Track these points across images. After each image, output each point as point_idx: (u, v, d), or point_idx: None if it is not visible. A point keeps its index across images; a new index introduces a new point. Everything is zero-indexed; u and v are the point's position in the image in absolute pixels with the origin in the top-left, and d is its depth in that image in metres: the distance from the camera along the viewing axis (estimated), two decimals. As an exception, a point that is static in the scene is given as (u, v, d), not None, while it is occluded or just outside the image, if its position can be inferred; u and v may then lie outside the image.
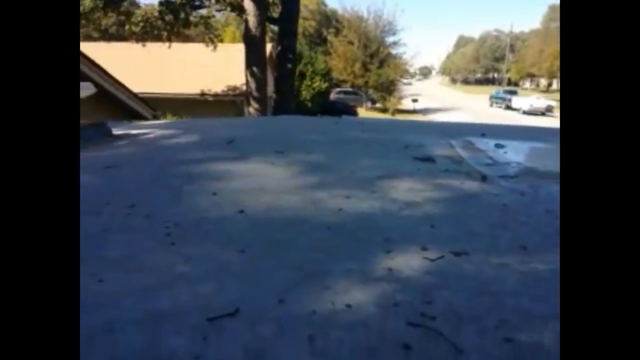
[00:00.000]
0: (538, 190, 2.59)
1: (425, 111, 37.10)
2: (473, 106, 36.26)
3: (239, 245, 1.69)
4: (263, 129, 5.00)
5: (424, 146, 3.81)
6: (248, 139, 4.00)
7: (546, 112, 29.06)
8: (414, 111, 35.93)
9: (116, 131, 4.35)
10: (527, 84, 65.32)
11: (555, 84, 62.49)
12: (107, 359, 1.10)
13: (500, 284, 1.46)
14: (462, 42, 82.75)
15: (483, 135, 4.75)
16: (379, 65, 34.39)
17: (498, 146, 3.90)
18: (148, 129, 4.83)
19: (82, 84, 5.28)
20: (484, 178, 2.78)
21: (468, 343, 1.15)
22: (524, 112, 29.12)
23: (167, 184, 2.53)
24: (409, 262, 1.56)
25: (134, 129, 4.81)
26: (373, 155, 3.39)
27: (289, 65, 13.02)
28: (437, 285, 1.42)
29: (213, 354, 1.11)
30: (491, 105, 37.03)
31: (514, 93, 36.44)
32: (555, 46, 43.87)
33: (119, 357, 1.10)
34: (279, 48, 12.79)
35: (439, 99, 46.42)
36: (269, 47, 16.59)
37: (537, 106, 29.72)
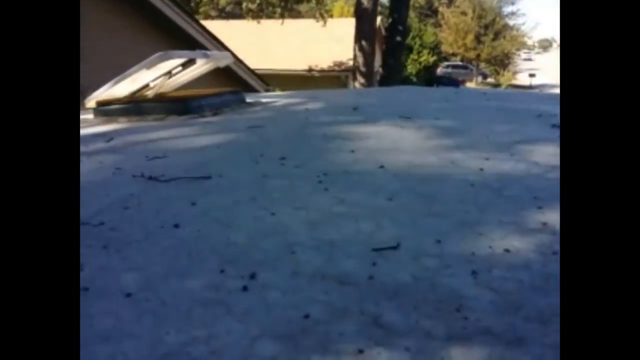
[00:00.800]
0: None
1: (542, 87, 34.12)
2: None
3: (386, 194, 1.81)
4: (384, 97, 5.06)
5: (557, 115, 3.59)
6: (372, 105, 4.10)
7: None
8: (530, 87, 33.19)
9: (248, 99, 4.72)
10: None
11: None
12: (292, 273, 1.28)
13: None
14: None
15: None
16: (493, 37, 32.18)
17: None
18: (274, 98, 5.16)
19: (222, 53, 5.77)
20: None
21: None
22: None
23: (308, 142, 2.73)
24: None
25: (262, 98, 5.16)
26: (505, 122, 3.29)
27: (398, 38, 12.79)
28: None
29: (385, 275, 1.24)
30: None
31: None
32: None
33: (302, 272, 1.28)
34: (390, 20, 12.61)
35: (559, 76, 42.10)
36: (377, 20, 16.43)
37: None
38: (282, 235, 1.48)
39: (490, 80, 33.11)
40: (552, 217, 1.57)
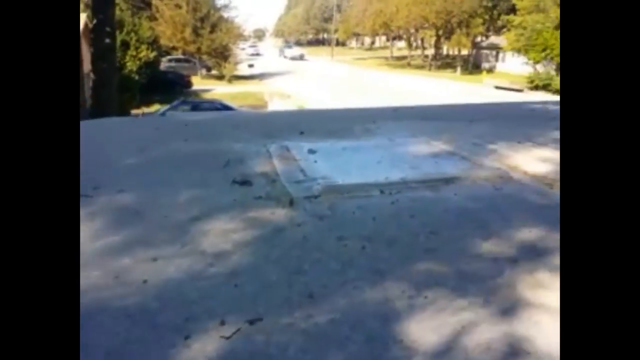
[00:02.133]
0: (336, 211, 2.93)
1: (262, 76, 37.29)
2: (302, 67, 39.09)
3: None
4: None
5: (244, 161, 3.94)
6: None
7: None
8: (251, 77, 35.82)
9: None
10: (354, 43, 69.55)
11: (378, 42, 68.09)
12: None
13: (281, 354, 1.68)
14: (292, 3, 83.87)
15: (302, 133, 5.08)
16: (210, 30, 33.07)
17: (310, 152, 4.23)
18: None
19: None
20: (291, 203, 3.03)
21: None
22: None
23: None
24: (205, 348, 1.68)
25: None
26: (192, 183, 3.40)
27: (108, 40, 11.78)
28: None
29: None
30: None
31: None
32: (376, 5, 47.39)
33: None
34: (95, 22, 11.43)
35: (275, 64, 47.28)
36: (83, 17, 14.74)
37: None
38: None
39: (214, 72, 34.17)
40: (196, 348, 1.69)
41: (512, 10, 36.53)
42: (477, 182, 3.44)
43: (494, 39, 43.31)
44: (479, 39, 44.85)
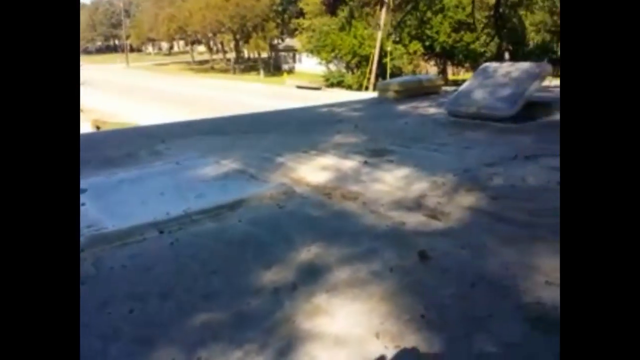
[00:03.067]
0: (102, 267, 2.52)
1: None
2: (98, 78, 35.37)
3: None
4: None
5: None
6: None
7: None
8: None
9: None
10: (150, 48, 65.91)
11: (177, 47, 65.61)
12: None
13: None
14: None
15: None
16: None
17: (82, 191, 3.64)
18: None
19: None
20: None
21: None
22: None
23: None
24: None
25: None
26: None
27: None
28: None
29: None
30: None
31: None
32: (168, 10, 45.42)
33: None
34: None
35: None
36: None
37: None
38: None
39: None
40: None
41: (301, 14, 39.21)
42: (263, 202, 3.40)
43: (289, 42, 45.94)
44: (275, 41, 46.98)
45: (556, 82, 8.13)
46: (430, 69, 36.00)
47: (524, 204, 3.12)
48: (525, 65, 5.74)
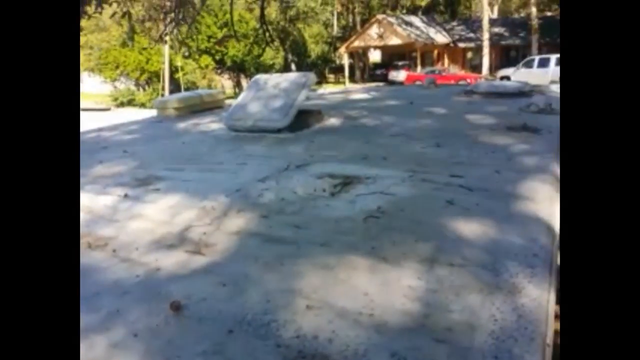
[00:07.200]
0: None
1: None
2: None
3: None
4: None
5: None
6: None
7: None
8: None
9: None
10: None
11: None
12: None
13: None
14: None
15: None
16: None
17: None
18: None
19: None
20: None
21: None
22: None
23: None
24: None
25: None
26: None
27: None
28: None
29: None
30: None
31: None
32: None
33: None
34: None
35: None
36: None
37: None
38: None
39: None
40: None
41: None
42: None
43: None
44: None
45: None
46: (225, 83, 36.08)
47: (292, 218, 3.01)
48: (292, 75, 5.89)
